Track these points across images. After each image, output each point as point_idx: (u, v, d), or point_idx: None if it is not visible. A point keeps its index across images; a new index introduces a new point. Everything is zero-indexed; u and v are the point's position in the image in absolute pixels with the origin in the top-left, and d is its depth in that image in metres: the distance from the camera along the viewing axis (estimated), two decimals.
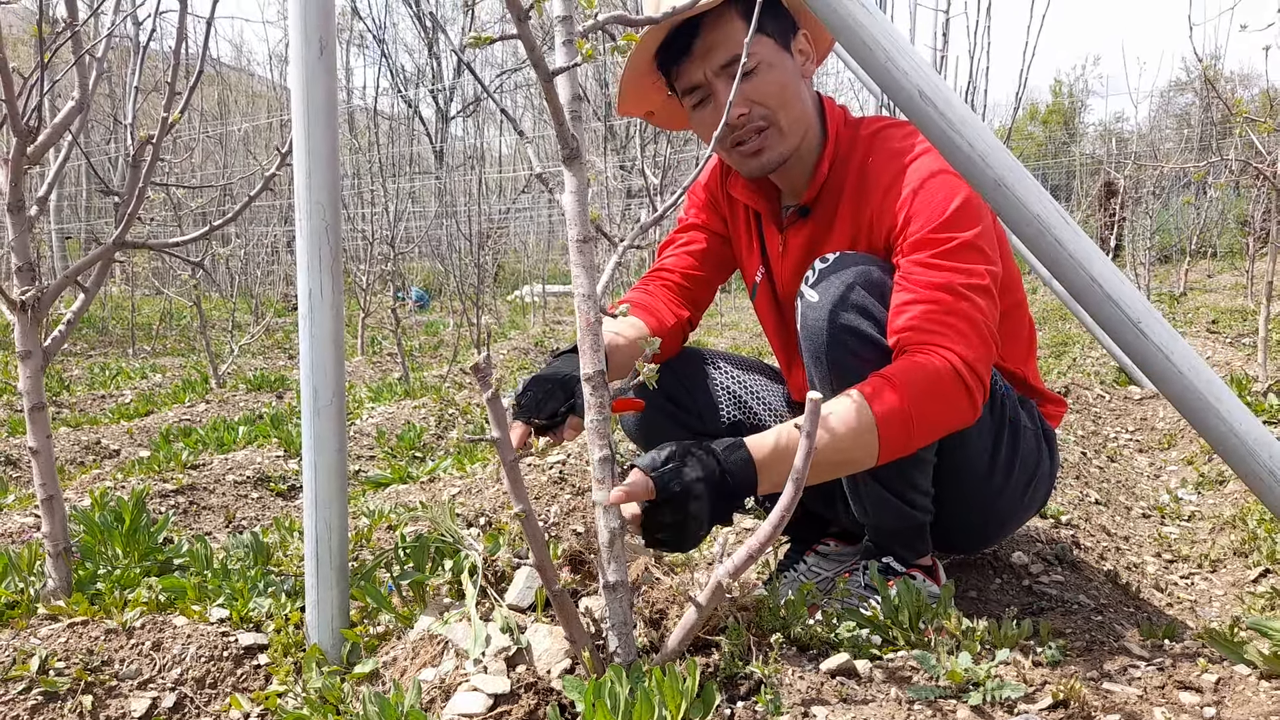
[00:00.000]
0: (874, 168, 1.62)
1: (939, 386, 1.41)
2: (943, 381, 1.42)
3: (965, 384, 1.44)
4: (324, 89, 1.38)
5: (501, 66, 26.50)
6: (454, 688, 1.22)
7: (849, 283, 1.52)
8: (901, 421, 1.39)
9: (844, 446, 1.38)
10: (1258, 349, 4.06)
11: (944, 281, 1.48)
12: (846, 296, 1.51)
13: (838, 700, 1.15)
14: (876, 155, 1.63)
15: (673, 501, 1.24)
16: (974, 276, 1.48)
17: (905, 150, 1.59)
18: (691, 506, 1.25)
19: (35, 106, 1.61)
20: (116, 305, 12.45)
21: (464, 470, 3.06)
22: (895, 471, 1.57)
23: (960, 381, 1.43)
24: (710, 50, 1.59)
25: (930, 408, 1.42)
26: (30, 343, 1.65)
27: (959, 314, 1.46)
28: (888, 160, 1.60)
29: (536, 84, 20.22)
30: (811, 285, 1.56)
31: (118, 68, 12.99)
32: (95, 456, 3.83)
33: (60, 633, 1.50)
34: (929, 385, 1.41)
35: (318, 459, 1.44)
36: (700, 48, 1.60)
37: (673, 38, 1.62)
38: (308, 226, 1.39)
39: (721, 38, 1.58)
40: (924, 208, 1.52)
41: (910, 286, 1.50)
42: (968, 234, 1.50)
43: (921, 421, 1.41)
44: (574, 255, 1.15)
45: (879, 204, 1.59)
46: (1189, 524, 2.69)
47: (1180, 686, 1.20)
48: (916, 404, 1.40)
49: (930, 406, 1.41)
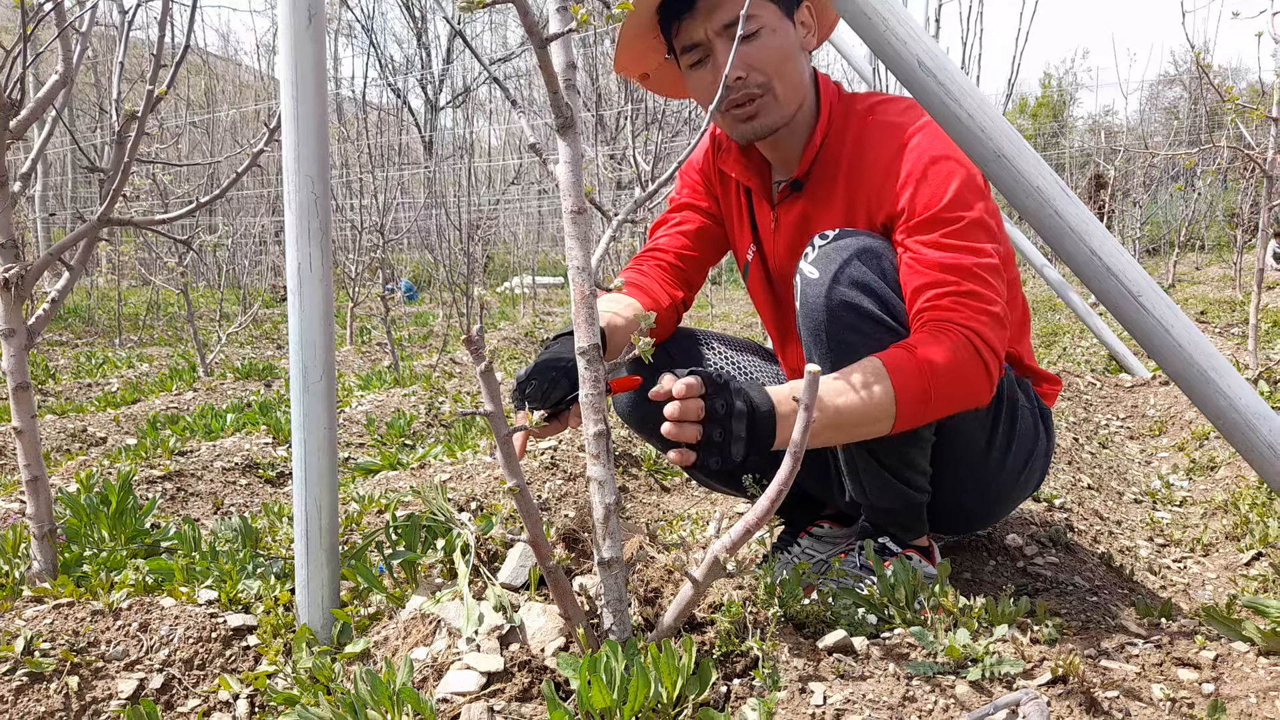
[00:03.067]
0: (871, 143, 1.60)
1: (959, 363, 1.41)
2: (962, 358, 1.42)
3: (984, 362, 1.44)
4: (312, 59, 1.36)
5: (491, 56, 26.36)
6: (446, 666, 1.21)
7: (848, 259, 1.50)
8: (920, 392, 1.39)
9: (860, 411, 1.37)
10: (1248, 337, 4.07)
11: (956, 262, 1.47)
12: (846, 272, 1.50)
13: (835, 676, 1.14)
14: (873, 130, 1.61)
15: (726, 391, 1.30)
16: (983, 255, 1.48)
17: (904, 125, 1.57)
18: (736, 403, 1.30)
19: (18, 79, 1.57)
20: (103, 295, 12.35)
21: (455, 457, 3.03)
22: (893, 450, 1.56)
23: (979, 359, 1.43)
24: (714, 9, 1.57)
25: (949, 383, 1.41)
26: (14, 321, 1.62)
27: (974, 294, 1.46)
28: (885, 135, 1.58)
29: (526, 75, 19.90)
30: (811, 262, 1.54)
31: (104, 56, 12.87)
32: (81, 444, 3.79)
33: (46, 614, 1.47)
34: (949, 361, 1.40)
35: (307, 437, 1.42)
36: (704, 5, 1.58)
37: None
38: (296, 200, 1.37)
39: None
40: (928, 186, 1.51)
41: (922, 267, 1.49)
42: (974, 212, 1.49)
43: (939, 395, 1.41)
44: (568, 227, 1.14)
45: (878, 180, 1.58)
46: (1181, 509, 2.69)
47: (1178, 663, 1.20)
48: (936, 378, 1.39)
49: (949, 382, 1.41)
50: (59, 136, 11.93)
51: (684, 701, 1.07)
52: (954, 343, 1.41)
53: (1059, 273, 4.76)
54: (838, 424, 1.37)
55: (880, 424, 1.41)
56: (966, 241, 1.48)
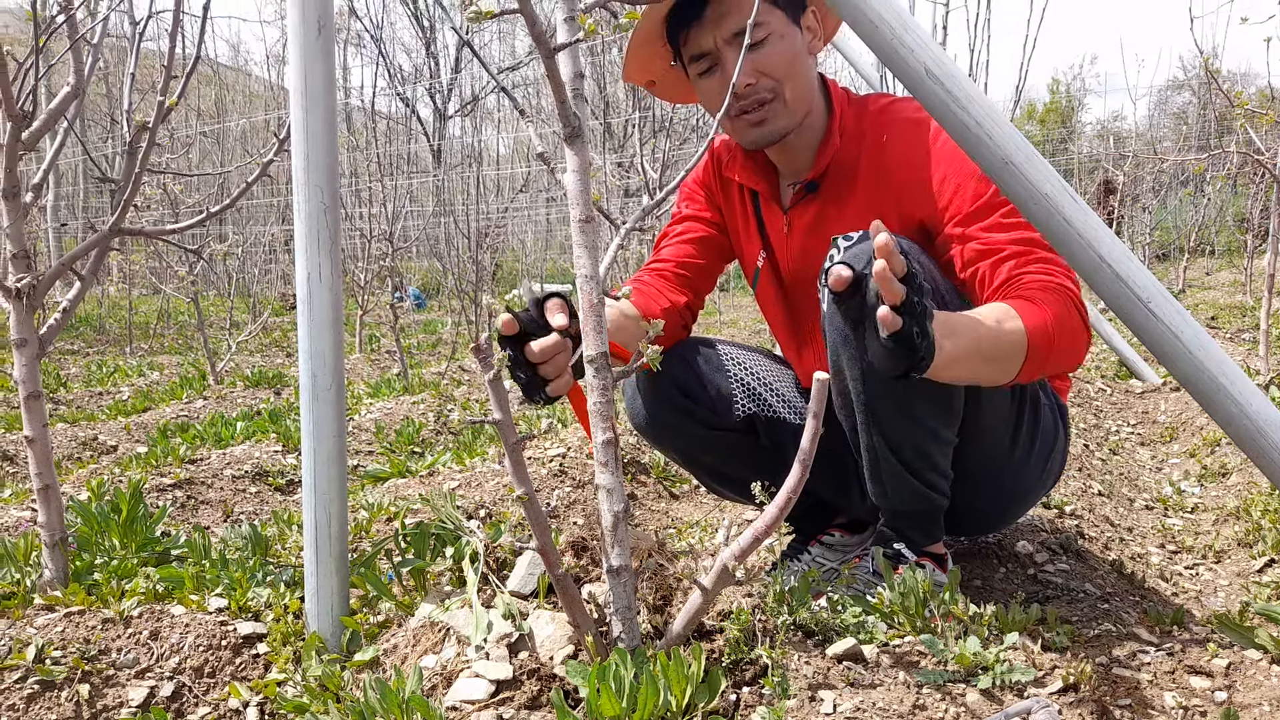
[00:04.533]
0: (896, 143, 1.61)
1: (1069, 318, 1.39)
2: (1070, 315, 1.40)
3: (1083, 321, 1.43)
4: (321, 70, 1.37)
5: (499, 65, 26.46)
6: (456, 674, 1.21)
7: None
8: (1046, 338, 1.35)
9: (996, 345, 1.32)
10: (1259, 342, 4.05)
11: (1026, 236, 1.47)
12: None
13: (845, 684, 1.14)
14: (895, 130, 1.62)
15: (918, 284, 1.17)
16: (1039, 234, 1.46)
17: (927, 122, 1.58)
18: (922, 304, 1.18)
19: (30, 91, 1.59)
20: (114, 304, 12.42)
21: (464, 465, 3.04)
22: (917, 451, 1.56)
23: (1080, 318, 1.42)
24: (722, 17, 1.58)
25: (1063, 336, 1.38)
26: (25, 330, 1.63)
27: (1056, 262, 1.45)
28: (911, 134, 1.59)
29: (534, 84, 20.00)
30: (838, 264, 1.53)
31: (115, 66, 12.96)
32: (92, 452, 3.81)
33: (57, 622, 1.48)
34: (1060, 315, 1.37)
35: (317, 446, 1.42)
36: (712, 14, 1.59)
37: (683, 4, 1.61)
38: (306, 209, 1.38)
39: (734, 5, 1.57)
40: (971, 180, 1.52)
41: (994, 246, 1.48)
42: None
43: (1058, 347, 1.38)
44: (576, 235, 1.14)
45: (909, 179, 1.58)
46: (1192, 516, 2.68)
47: (1190, 671, 1.19)
48: (1059, 328, 1.36)
49: (1063, 335, 1.38)
50: (70, 146, 12.02)
51: (693, 709, 1.07)
52: (1060, 300, 1.40)
53: None
54: (976, 351, 1.29)
55: (1012, 363, 1.35)
56: (1022, 222, 1.48)
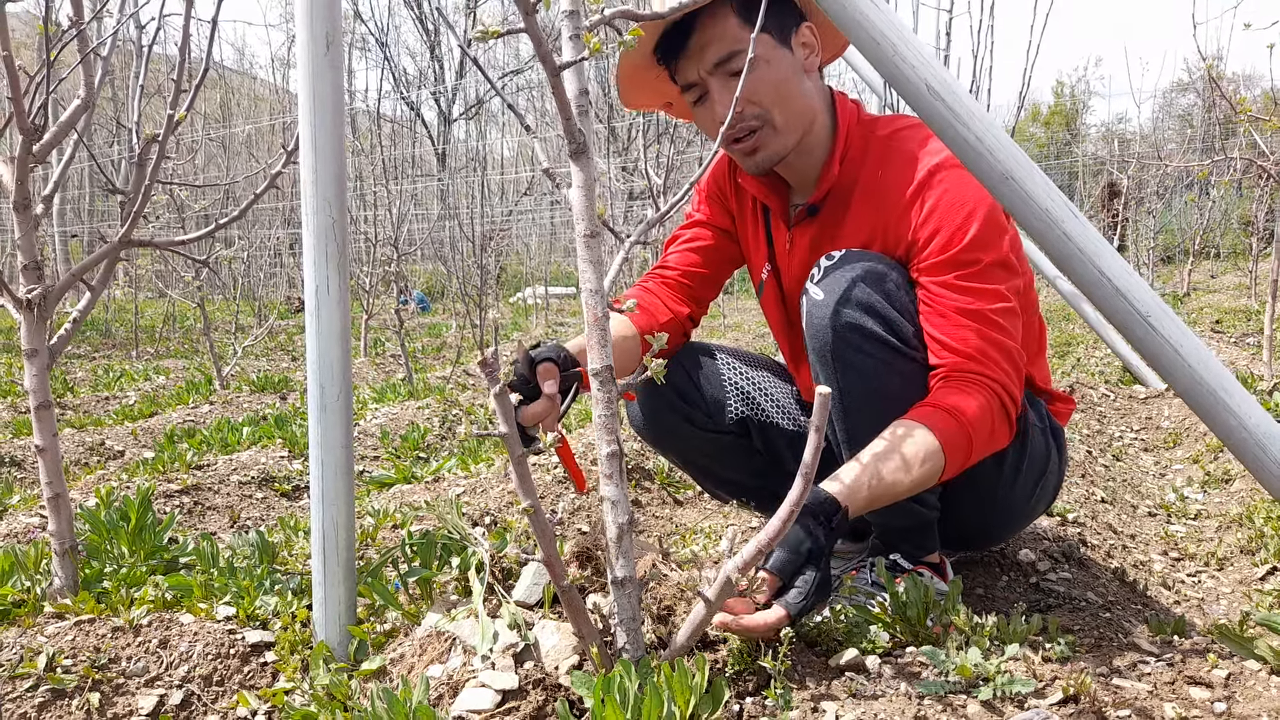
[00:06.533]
0: (891, 172, 1.59)
1: (989, 417, 1.48)
2: (992, 412, 1.48)
3: (1008, 413, 1.52)
4: (330, 85, 1.38)
5: (503, 69, 26.52)
6: (462, 684, 1.22)
7: (854, 280, 1.51)
8: (965, 452, 1.46)
9: (913, 486, 1.42)
10: (1263, 348, 4.05)
11: (976, 309, 1.50)
12: (852, 294, 1.51)
13: (847, 696, 1.15)
14: (894, 160, 1.60)
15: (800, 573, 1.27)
16: (1000, 299, 1.51)
17: (927, 155, 1.56)
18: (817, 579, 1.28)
19: (41, 105, 1.61)
20: (120, 308, 12.47)
21: (469, 470, 3.05)
22: None
23: (1005, 412, 1.51)
24: (704, 48, 1.58)
25: (985, 439, 1.48)
26: (36, 341, 1.65)
27: (995, 343, 1.50)
28: (906, 165, 1.57)
29: (538, 87, 20.08)
30: (816, 283, 1.55)
31: (120, 71, 13.00)
32: (100, 457, 3.83)
33: (67, 630, 1.49)
34: (982, 415, 1.46)
35: (324, 456, 1.44)
36: (694, 45, 1.58)
37: (669, 34, 1.61)
38: (314, 222, 1.39)
39: (715, 35, 1.56)
40: (948, 223, 1.51)
41: (939, 312, 1.52)
42: (993, 253, 1.51)
43: (977, 450, 1.48)
44: (581, 250, 1.15)
45: (898, 211, 1.57)
46: (1195, 522, 2.68)
47: (1190, 682, 1.20)
48: (976, 435, 1.46)
49: (985, 437, 1.48)
50: (78, 160, 12.06)
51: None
52: (985, 397, 1.47)
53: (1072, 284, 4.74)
54: (893, 496, 1.42)
55: (928, 484, 1.46)
56: (984, 284, 1.50)
